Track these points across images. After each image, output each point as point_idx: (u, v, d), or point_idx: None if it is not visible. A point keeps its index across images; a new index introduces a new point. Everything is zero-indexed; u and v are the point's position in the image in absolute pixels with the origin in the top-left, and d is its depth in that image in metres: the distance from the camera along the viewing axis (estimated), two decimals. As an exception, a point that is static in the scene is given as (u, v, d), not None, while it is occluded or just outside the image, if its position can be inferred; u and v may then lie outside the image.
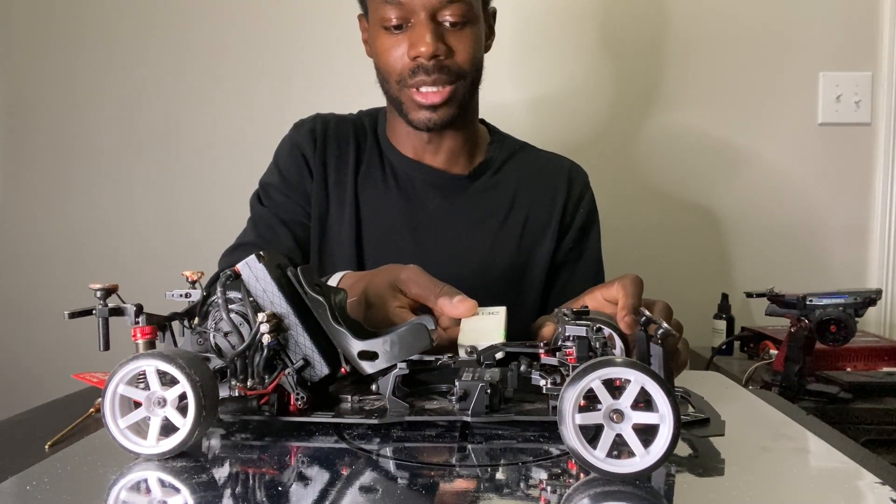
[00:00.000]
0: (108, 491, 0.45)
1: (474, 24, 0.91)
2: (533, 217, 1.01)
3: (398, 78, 0.91)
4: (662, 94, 1.58)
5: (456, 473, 0.47)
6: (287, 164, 1.03)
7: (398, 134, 1.01)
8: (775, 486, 0.46)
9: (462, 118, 0.96)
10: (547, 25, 1.48)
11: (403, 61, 0.90)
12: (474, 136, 1.02)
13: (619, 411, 0.44)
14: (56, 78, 1.61)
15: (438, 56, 0.88)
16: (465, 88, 0.93)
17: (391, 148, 1.01)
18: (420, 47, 0.87)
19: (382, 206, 0.98)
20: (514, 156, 1.05)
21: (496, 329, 0.62)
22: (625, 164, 1.59)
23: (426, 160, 0.99)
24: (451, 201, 0.99)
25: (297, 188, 1.02)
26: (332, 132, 1.03)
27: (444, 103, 0.91)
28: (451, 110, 0.93)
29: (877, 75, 1.56)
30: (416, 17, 0.88)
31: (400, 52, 0.90)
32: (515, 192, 1.02)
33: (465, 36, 0.90)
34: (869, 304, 1.07)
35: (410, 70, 0.90)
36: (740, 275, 1.58)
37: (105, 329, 0.53)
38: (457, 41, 0.90)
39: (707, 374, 0.82)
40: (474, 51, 0.92)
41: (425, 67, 0.89)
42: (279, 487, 0.45)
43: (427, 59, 0.88)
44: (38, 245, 1.64)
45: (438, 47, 0.88)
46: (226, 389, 0.54)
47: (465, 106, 0.95)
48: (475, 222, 0.99)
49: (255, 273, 0.55)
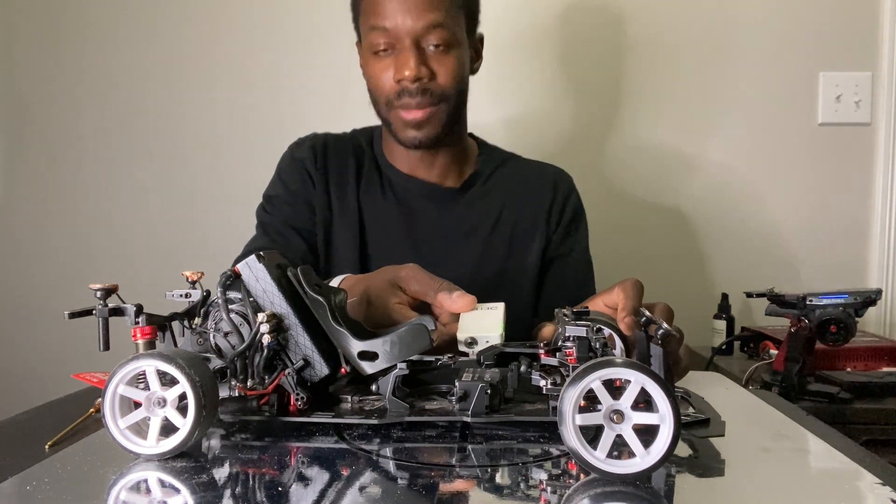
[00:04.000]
0: (108, 491, 0.45)
1: (457, 48, 0.97)
2: (521, 222, 1.07)
3: (386, 100, 0.98)
4: (664, 93, 1.58)
5: (456, 474, 0.47)
6: (290, 176, 1.08)
7: (393, 151, 1.06)
8: (775, 486, 0.46)
9: (450, 136, 1.01)
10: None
11: (390, 84, 0.96)
12: (464, 151, 1.08)
13: (619, 412, 0.44)
14: (57, 78, 1.61)
15: (421, 79, 0.94)
16: (448, 109, 0.98)
17: (388, 164, 1.07)
18: (404, 71, 0.93)
19: (383, 217, 1.04)
20: (501, 166, 1.10)
21: (495, 323, 0.62)
22: (624, 165, 1.59)
23: (420, 175, 1.05)
24: (444, 212, 1.05)
25: (301, 198, 1.06)
26: (332, 149, 1.08)
27: (427, 121, 0.97)
28: (434, 129, 0.98)
29: (877, 75, 1.56)
30: (402, 42, 0.94)
31: (387, 76, 0.96)
32: (504, 200, 1.07)
33: (448, 60, 0.96)
34: (869, 304, 1.07)
35: (396, 93, 0.96)
36: (740, 275, 1.58)
37: (105, 329, 0.53)
38: (439, 65, 0.95)
39: (707, 374, 0.82)
40: (456, 74, 0.97)
41: (409, 90, 0.95)
42: (279, 488, 0.45)
43: (411, 82, 0.94)
44: (39, 245, 1.64)
45: (421, 71, 0.93)
46: (226, 390, 0.54)
47: (452, 125, 1.01)
48: (467, 230, 1.04)
49: (255, 273, 0.55)
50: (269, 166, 1.15)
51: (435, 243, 0.99)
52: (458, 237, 1.04)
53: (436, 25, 0.93)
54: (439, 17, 0.93)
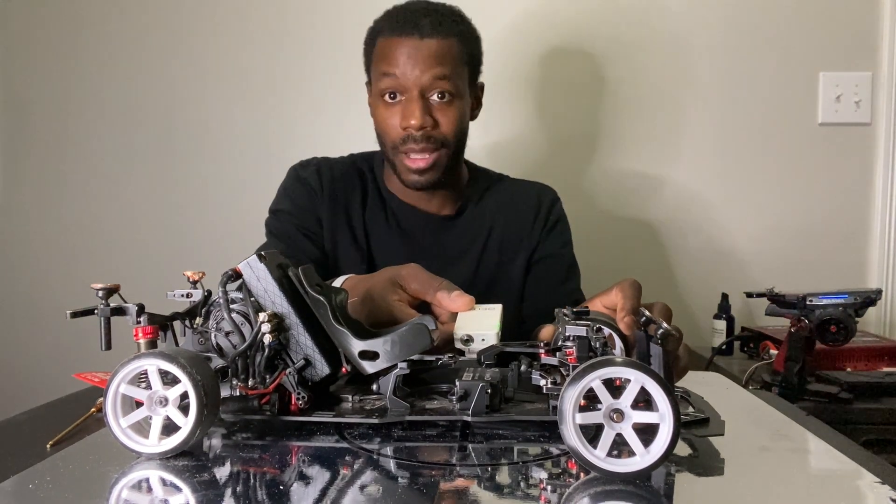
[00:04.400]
0: (110, 490, 0.45)
1: (459, 99, 1.05)
2: (508, 238, 1.14)
3: (392, 144, 1.05)
4: (665, 93, 1.58)
5: (456, 473, 0.47)
6: (297, 192, 1.13)
7: (395, 183, 1.12)
8: (775, 486, 0.46)
9: (448, 176, 1.09)
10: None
11: (396, 130, 1.03)
12: (460, 181, 1.16)
13: (619, 411, 0.44)
14: (58, 78, 1.61)
15: (426, 127, 1.01)
16: (448, 154, 1.06)
17: (389, 193, 1.14)
18: (410, 120, 1.01)
19: (386, 241, 1.12)
20: (490, 189, 1.18)
21: (492, 323, 0.63)
22: (625, 162, 1.59)
23: (421, 206, 1.13)
24: (441, 237, 1.13)
25: (309, 212, 1.11)
26: (337, 174, 1.14)
27: (429, 168, 1.04)
28: (435, 174, 1.06)
29: (877, 75, 1.56)
30: (409, 92, 1.01)
31: (394, 122, 1.03)
32: (493, 220, 1.15)
33: (451, 110, 1.03)
34: (869, 304, 1.07)
35: (402, 139, 1.03)
36: (740, 275, 1.58)
37: (107, 329, 0.54)
38: (442, 115, 1.03)
39: (707, 374, 0.82)
40: (458, 123, 1.05)
41: (414, 137, 1.02)
42: (280, 487, 0.45)
43: (416, 130, 1.01)
44: (40, 245, 1.64)
45: (426, 120, 1.01)
46: (227, 389, 0.54)
47: (451, 169, 1.08)
48: (461, 251, 1.13)
49: (256, 273, 0.55)
50: (270, 166, 1.16)
51: (431, 264, 1.04)
52: (453, 258, 1.12)
53: (440, 78, 1.01)
54: (444, 71, 1.01)
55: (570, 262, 1.17)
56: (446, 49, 1.01)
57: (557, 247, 1.16)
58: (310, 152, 1.20)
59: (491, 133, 1.58)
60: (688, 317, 1.58)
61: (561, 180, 1.31)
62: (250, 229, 1.18)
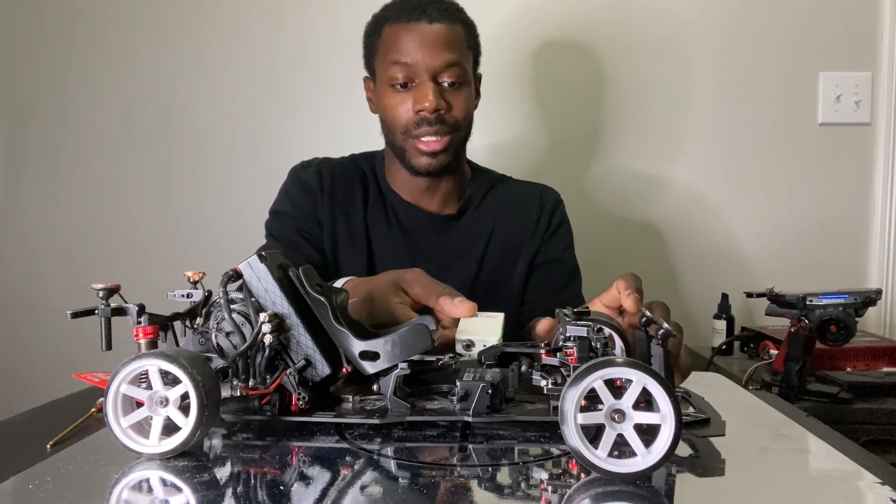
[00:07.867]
0: (110, 490, 0.45)
1: (468, 85, 1.07)
2: (510, 240, 1.14)
3: (403, 129, 1.05)
4: (665, 94, 1.58)
5: (457, 473, 0.47)
6: (297, 194, 1.13)
7: (398, 180, 1.13)
8: (775, 486, 0.46)
9: (454, 165, 1.10)
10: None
11: (409, 115, 1.04)
12: (462, 178, 1.17)
13: (620, 411, 0.44)
14: (57, 79, 1.61)
15: (439, 110, 1.03)
16: (459, 139, 1.08)
17: (392, 193, 1.14)
18: (424, 103, 1.01)
19: (388, 241, 1.12)
20: (492, 189, 1.18)
21: (494, 329, 0.63)
22: (625, 162, 1.59)
23: (423, 205, 1.13)
24: (443, 237, 1.13)
25: (309, 213, 1.11)
26: (338, 174, 1.14)
27: (442, 150, 1.05)
28: (447, 157, 1.06)
29: (877, 75, 1.56)
30: (420, 77, 1.02)
31: (406, 108, 1.04)
32: (495, 221, 1.15)
33: (461, 95, 1.05)
34: (869, 304, 1.07)
35: (415, 122, 1.04)
36: (740, 275, 1.58)
37: (107, 329, 0.53)
38: (453, 99, 1.04)
39: (707, 375, 0.82)
40: (467, 107, 1.07)
41: (428, 119, 1.03)
42: (281, 487, 0.45)
43: (430, 112, 1.02)
44: (40, 245, 1.64)
45: (440, 103, 1.02)
46: (227, 389, 0.54)
47: (458, 154, 1.10)
48: (463, 251, 1.13)
49: (256, 273, 0.55)
50: (270, 167, 1.16)
51: (433, 265, 1.06)
52: (454, 259, 1.12)
53: (451, 64, 1.02)
54: (455, 57, 1.03)
55: (571, 267, 1.17)
56: (454, 34, 1.03)
57: (559, 251, 1.16)
58: (310, 152, 1.20)
59: (491, 133, 1.57)
60: (688, 317, 1.59)
61: (561, 180, 1.31)
62: (250, 229, 1.18)
